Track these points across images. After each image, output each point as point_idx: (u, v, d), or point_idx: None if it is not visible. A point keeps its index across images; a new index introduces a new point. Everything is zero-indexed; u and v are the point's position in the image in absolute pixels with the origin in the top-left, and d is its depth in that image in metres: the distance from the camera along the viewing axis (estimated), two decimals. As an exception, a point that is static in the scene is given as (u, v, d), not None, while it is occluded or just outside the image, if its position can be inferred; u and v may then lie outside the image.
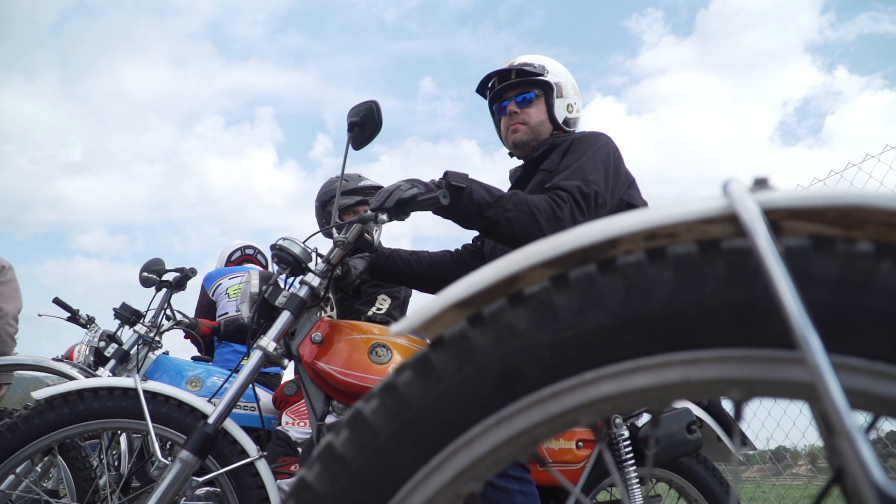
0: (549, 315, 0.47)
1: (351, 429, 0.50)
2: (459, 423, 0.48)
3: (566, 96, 2.22)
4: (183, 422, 1.71)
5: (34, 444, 1.59)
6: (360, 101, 1.85)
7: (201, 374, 2.74)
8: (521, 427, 0.47)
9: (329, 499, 0.49)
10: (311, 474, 0.50)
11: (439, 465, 0.48)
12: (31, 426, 1.59)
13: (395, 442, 0.49)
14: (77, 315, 3.44)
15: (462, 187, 1.76)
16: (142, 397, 1.67)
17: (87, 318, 3.47)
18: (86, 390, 1.65)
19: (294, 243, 1.85)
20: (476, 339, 0.48)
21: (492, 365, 0.48)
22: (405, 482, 0.49)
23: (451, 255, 2.38)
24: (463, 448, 0.48)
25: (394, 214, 1.72)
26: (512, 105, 2.21)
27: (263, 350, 1.76)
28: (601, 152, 1.99)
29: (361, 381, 1.78)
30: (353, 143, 1.86)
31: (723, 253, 0.44)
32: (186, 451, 1.63)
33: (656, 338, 0.45)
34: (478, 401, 0.48)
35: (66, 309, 3.46)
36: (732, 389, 0.44)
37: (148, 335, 2.65)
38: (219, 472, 1.69)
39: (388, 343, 1.86)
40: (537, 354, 0.47)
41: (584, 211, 1.84)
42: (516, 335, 0.47)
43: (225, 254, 3.90)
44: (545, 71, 2.19)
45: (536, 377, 0.47)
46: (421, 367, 0.49)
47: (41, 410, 1.61)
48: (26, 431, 1.58)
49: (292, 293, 1.83)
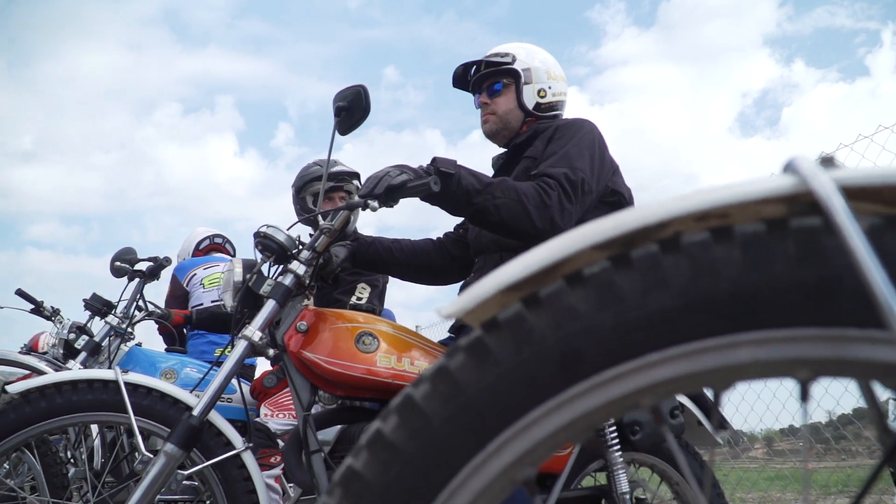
0: (611, 296, 0.46)
1: (401, 415, 0.49)
2: (518, 407, 0.47)
3: (537, 81, 2.21)
4: (166, 414, 1.67)
5: (10, 441, 1.54)
6: (346, 86, 1.82)
7: (175, 365, 2.69)
8: (582, 410, 0.46)
9: (380, 487, 0.48)
10: (359, 463, 0.49)
11: (496, 450, 0.47)
12: (7, 422, 1.53)
13: (449, 427, 0.47)
14: (41, 307, 3.34)
15: (450, 174, 1.74)
16: (123, 390, 1.62)
17: (51, 309, 3.37)
18: (63, 383, 1.60)
19: (278, 230, 1.82)
20: (534, 321, 0.47)
21: (552, 347, 0.46)
22: (461, 468, 0.47)
23: (433, 243, 2.37)
24: (521, 433, 0.47)
25: (383, 201, 1.70)
26: (482, 96, 2.23)
27: (249, 340, 1.72)
28: (586, 139, 1.99)
29: (348, 370, 1.76)
30: (340, 128, 1.83)
31: (793, 231, 0.43)
32: (171, 444, 1.59)
33: (725, 318, 0.44)
34: (537, 384, 0.47)
35: (30, 301, 3.35)
36: (801, 370, 0.44)
37: (120, 326, 2.58)
38: (204, 464, 1.66)
39: (374, 331, 1.84)
40: (600, 336, 0.46)
41: (571, 198, 1.84)
42: (577, 317, 0.46)
43: (192, 243, 3.82)
44: (513, 59, 2.19)
45: (599, 359, 0.46)
46: (475, 351, 0.48)
47: (17, 405, 1.55)
48: (1, 427, 1.53)
49: (277, 282, 1.79)
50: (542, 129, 2.15)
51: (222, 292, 1.88)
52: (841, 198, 0.41)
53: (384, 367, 1.78)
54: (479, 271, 2.11)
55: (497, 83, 2.18)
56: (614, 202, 2.04)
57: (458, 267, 2.34)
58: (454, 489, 0.47)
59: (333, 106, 1.86)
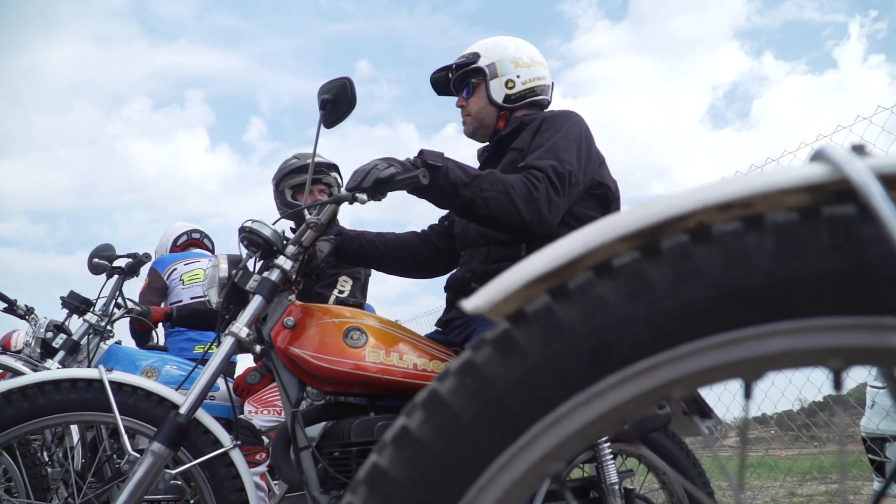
0: (642, 287, 0.45)
1: (427, 410, 0.48)
2: (547, 401, 0.46)
3: (503, 74, 2.20)
4: (152, 413, 1.64)
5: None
6: (331, 78, 1.80)
7: (156, 362, 2.64)
8: (613, 403, 0.46)
9: (408, 484, 0.47)
10: (385, 459, 0.48)
11: (526, 445, 0.46)
12: (-11, 422, 1.49)
13: (478, 422, 0.47)
14: (14, 306, 3.26)
15: (438, 166, 1.73)
16: (108, 389, 1.59)
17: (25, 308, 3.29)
18: (46, 383, 1.56)
19: (264, 225, 1.79)
20: (563, 313, 0.46)
21: (582, 340, 0.46)
22: (490, 464, 0.46)
23: (418, 236, 2.36)
24: (551, 427, 0.46)
25: (371, 195, 1.68)
26: (459, 100, 2.26)
27: (236, 336, 1.70)
28: (573, 131, 1.99)
29: (336, 366, 1.74)
30: (325, 121, 1.81)
31: (826, 220, 0.43)
32: (158, 442, 1.56)
33: (758, 308, 0.44)
34: (567, 377, 0.46)
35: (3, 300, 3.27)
36: (834, 358, 0.44)
37: (99, 324, 2.53)
38: (192, 463, 1.63)
39: (362, 326, 1.83)
40: (631, 327, 0.45)
41: (558, 190, 1.84)
42: (607, 308, 0.46)
43: (169, 238, 3.76)
44: (476, 58, 2.19)
45: (630, 351, 0.45)
46: (503, 345, 0.47)
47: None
48: (-17, 428, 1.49)
49: (264, 277, 1.77)
50: (527, 121, 2.14)
51: (207, 288, 1.85)
52: (879, 185, 0.41)
53: (373, 362, 1.77)
54: (466, 264, 2.10)
55: (468, 84, 2.20)
56: (601, 195, 2.04)
57: (443, 260, 2.33)
58: (483, 485, 0.46)
59: (318, 99, 1.83)
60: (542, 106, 2.27)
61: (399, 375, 1.80)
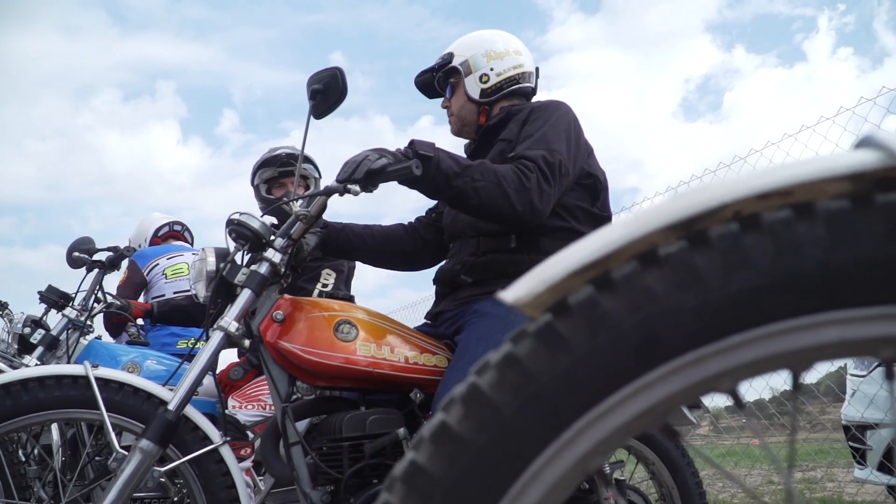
0: (691, 277, 0.44)
1: (468, 406, 0.46)
2: (593, 395, 0.45)
3: (476, 69, 2.18)
4: (139, 409, 1.60)
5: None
6: (322, 68, 1.76)
7: (137, 358, 2.59)
8: (660, 396, 0.45)
9: (448, 482, 0.45)
10: (423, 457, 0.46)
11: (571, 440, 0.45)
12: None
13: (521, 417, 0.45)
14: (-13, 301, 3.19)
15: (429, 156, 1.71)
16: (94, 385, 1.55)
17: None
18: (30, 380, 1.51)
19: (253, 217, 1.76)
20: (608, 304, 0.45)
21: (628, 331, 0.45)
22: (533, 460, 0.45)
23: (405, 228, 2.34)
24: (596, 421, 0.45)
25: (363, 186, 1.66)
26: (444, 101, 2.25)
27: (225, 331, 1.67)
28: (562, 121, 1.98)
29: (327, 360, 1.72)
30: (315, 112, 1.78)
31: (880, 207, 0.42)
32: (146, 440, 1.53)
33: (810, 297, 0.43)
34: (613, 370, 0.45)
35: (-26, 295, 3.19)
36: (886, 348, 0.43)
37: (78, 319, 2.47)
38: (181, 460, 1.60)
39: (352, 319, 1.80)
40: (679, 318, 0.44)
41: (549, 180, 1.83)
42: (655, 299, 0.44)
43: (149, 229, 3.67)
44: (451, 57, 2.19)
45: (678, 343, 0.44)
46: (546, 337, 0.46)
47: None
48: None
49: (252, 270, 1.74)
50: (515, 112, 2.13)
51: (194, 282, 1.81)
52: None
53: (364, 356, 1.75)
54: (455, 256, 2.08)
55: (448, 85, 2.20)
56: (590, 185, 2.04)
57: (430, 252, 2.32)
58: (526, 482, 0.45)
59: (308, 89, 1.80)
60: (526, 94, 2.25)
61: (390, 369, 1.78)
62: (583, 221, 2.01)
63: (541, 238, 1.94)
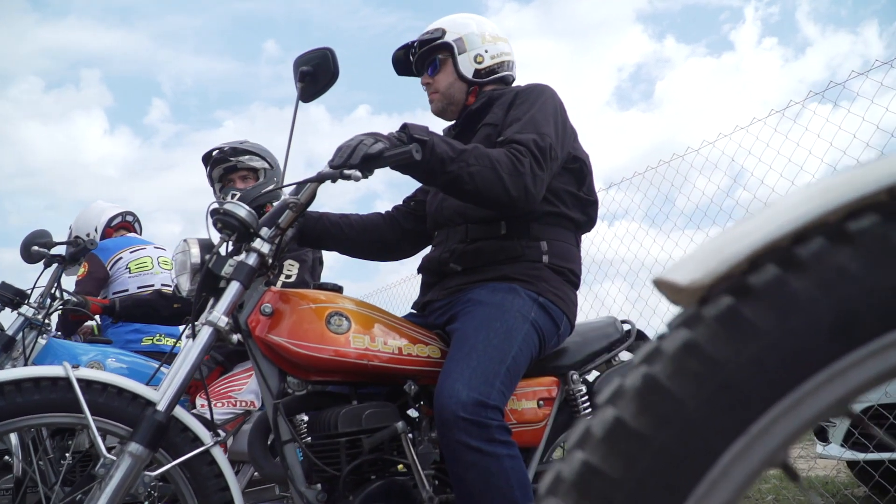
0: (890, 252, 0.41)
1: (644, 399, 0.42)
2: (785, 382, 0.41)
3: (471, 49, 2.15)
4: (125, 412, 1.51)
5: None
6: (311, 48, 1.69)
7: (98, 356, 2.46)
8: (856, 382, 0.41)
9: (628, 483, 0.41)
10: (597, 458, 0.42)
11: (762, 431, 0.41)
12: (-57, 430, 1.33)
13: (706, 409, 0.41)
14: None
15: (424, 140, 1.66)
16: (76, 387, 1.44)
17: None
18: (5, 384, 1.40)
19: (239, 206, 1.67)
20: (797, 284, 0.42)
21: (822, 313, 0.41)
22: (721, 455, 0.41)
23: (383, 217, 2.27)
24: (790, 410, 0.41)
25: (361, 172, 1.59)
26: (424, 77, 2.18)
27: (214, 325, 1.58)
28: (549, 104, 1.95)
29: (320, 353, 1.66)
30: (303, 95, 1.70)
31: None
32: (136, 443, 1.44)
33: None
34: (806, 355, 0.41)
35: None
36: None
37: (35, 317, 2.32)
38: (172, 463, 1.51)
39: (343, 311, 1.74)
40: (878, 297, 0.41)
41: (541, 164, 1.80)
42: (849, 278, 0.41)
43: (99, 219, 3.44)
44: (443, 33, 2.14)
45: (877, 323, 0.41)
46: (730, 322, 0.42)
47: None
48: (-63, 437, 1.32)
49: (240, 262, 1.65)
50: (497, 96, 2.10)
51: (177, 275, 1.71)
52: None
53: (357, 348, 1.70)
54: (442, 244, 2.03)
55: (433, 61, 2.14)
56: (576, 168, 2.02)
57: (410, 242, 2.27)
58: (714, 479, 0.41)
59: (295, 70, 1.72)
60: (508, 82, 2.23)
61: (384, 361, 1.73)
62: (570, 206, 2.00)
63: (531, 223, 1.92)
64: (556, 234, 1.95)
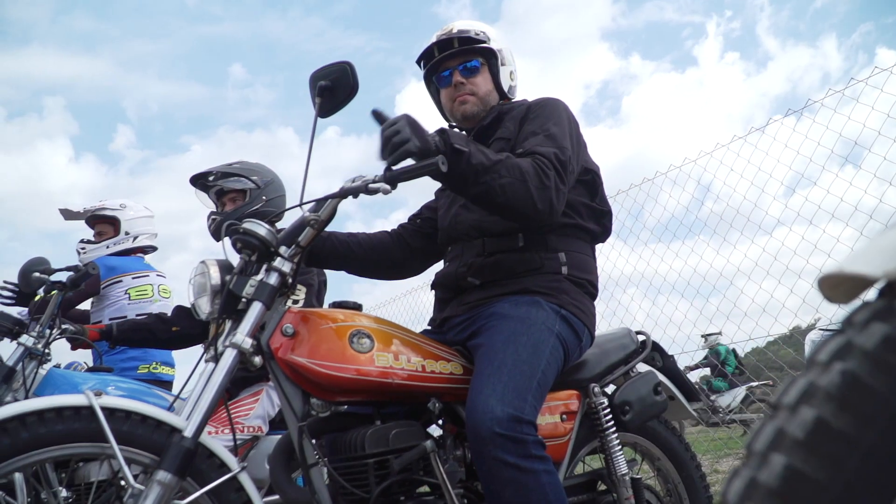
0: None
1: (845, 397, 0.40)
2: None
3: (508, 63, 2.16)
4: (150, 439, 1.45)
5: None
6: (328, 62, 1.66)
7: (99, 384, 2.39)
8: None
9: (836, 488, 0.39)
10: (799, 461, 0.40)
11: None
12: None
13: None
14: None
15: (463, 151, 1.63)
16: (100, 416, 1.39)
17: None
18: (28, 414, 1.34)
19: (258, 224, 1.64)
20: None
21: None
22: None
23: (390, 236, 2.24)
24: None
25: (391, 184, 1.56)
26: (457, 75, 2.08)
27: (238, 347, 1.54)
28: (564, 119, 1.95)
29: (343, 373, 1.62)
30: (321, 110, 1.68)
31: None
32: (164, 471, 1.39)
33: None
34: None
35: None
36: None
37: (36, 347, 2.25)
38: (200, 491, 1.45)
39: (365, 329, 1.71)
40: None
41: (563, 178, 1.80)
42: None
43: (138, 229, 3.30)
44: (487, 38, 2.11)
45: None
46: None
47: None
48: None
49: (262, 281, 1.62)
50: (507, 110, 2.09)
51: (196, 298, 1.67)
52: None
53: (381, 367, 1.67)
54: (458, 259, 2.00)
55: (472, 61, 2.07)
56: (588, 180, 2.02)
57: (418, 259, 2.24)
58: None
59: (313, 85, 1.70)
60: None
61: (408, 379, 1.70)
62: (586, 217, 1.99)
63: (548, 235, 1.91)
64: (574, 246, 1.94)
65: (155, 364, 2.91)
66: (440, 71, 2.11)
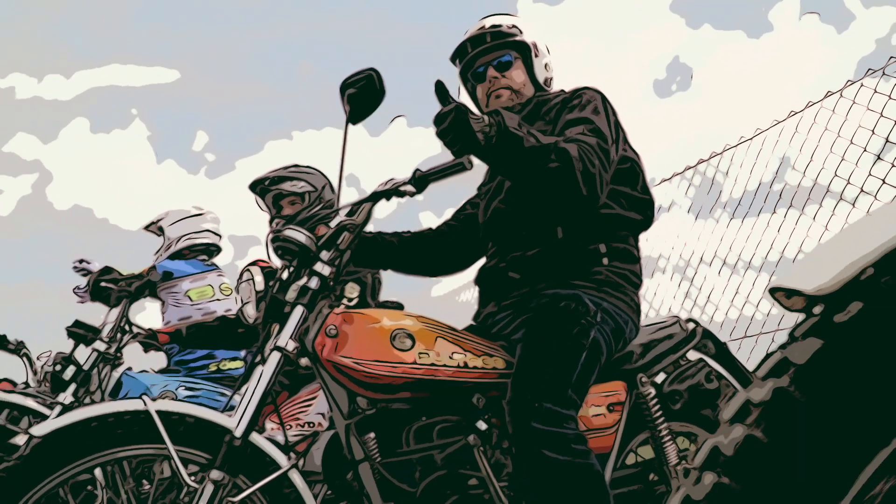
0: None
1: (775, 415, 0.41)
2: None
3: (542, 55, 2.15)
4: (203, 439, 1.54)
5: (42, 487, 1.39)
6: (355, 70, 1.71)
7: (171, 386, 2.53)
8: None
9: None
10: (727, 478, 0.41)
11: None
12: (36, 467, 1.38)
13: None
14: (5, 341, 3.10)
15: (519, 136, 1.65)
16: (156, 419, 1.48)
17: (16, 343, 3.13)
18: (91, 419, 1.45)
19: (298, 231, 1.70)
20: None
21: None
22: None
23: (434, 233, 2.28)
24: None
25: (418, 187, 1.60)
26: (491, 70, 2.09)
27: (283, 350, 1.61)
28: (601, 108, 1.94)
29: (388, 372, 1.67)
30: (352, 117, 1.72)
31: None
32: (217, 470, 1.47)
33: None
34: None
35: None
36: None
37: (108, 352, 2.40)
38: (252, 488, 1.53)
39: (407, 328, 1.75)
40: None
41: (605, 166, 1.79)
42: None
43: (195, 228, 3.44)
44: (519, 31, 2.11)
45: None
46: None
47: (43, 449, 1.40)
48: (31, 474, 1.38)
49: (303, 286, 1.68)
50: (543, 101, 2.09)
51: (242, 303, 1.75)
52: None
53: (424, 364, 1.70)
54: (498, 254, 2.02)
55: (505, 56, 2.07)
56: (628, 168, 2.00)
57: (463, 255, 2.27)
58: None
59: (342, 94, 1.75)
60: None
61: (451, 375, 1.73)
62: (626, 206, 1.97)
63: (588, 226, 1.90)
64: (614, 236, 1.93)
65: (224, 361, 3.05)
66: (475, 67, 2.12)
